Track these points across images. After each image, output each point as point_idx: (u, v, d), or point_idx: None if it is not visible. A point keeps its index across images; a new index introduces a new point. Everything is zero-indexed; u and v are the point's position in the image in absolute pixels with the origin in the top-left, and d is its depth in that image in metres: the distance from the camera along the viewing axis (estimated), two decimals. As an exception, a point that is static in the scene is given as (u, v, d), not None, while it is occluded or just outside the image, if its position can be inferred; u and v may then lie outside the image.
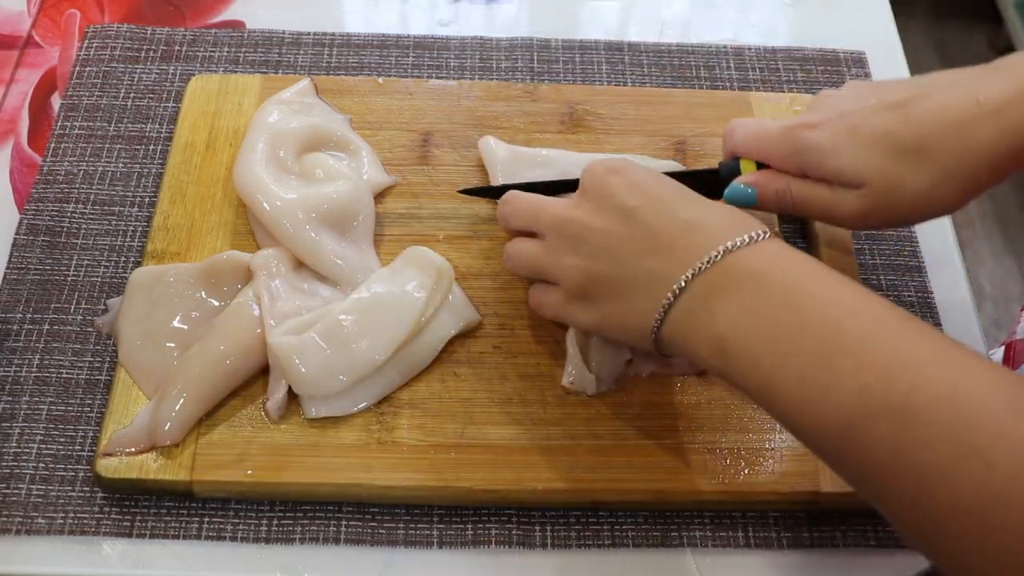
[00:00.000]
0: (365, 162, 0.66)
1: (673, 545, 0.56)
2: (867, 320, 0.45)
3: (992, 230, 1.78)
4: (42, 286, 0.63)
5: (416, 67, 0.75)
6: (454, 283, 0.61)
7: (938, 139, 0.52)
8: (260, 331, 0.57)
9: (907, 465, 0.41)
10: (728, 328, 0.47)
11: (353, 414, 0.57)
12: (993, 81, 0.53)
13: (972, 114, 0.52)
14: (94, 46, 0.75)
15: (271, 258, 0.60)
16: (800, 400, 0.44)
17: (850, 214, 0.55)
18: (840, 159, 0.54)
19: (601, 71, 0.75)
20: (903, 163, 0.53)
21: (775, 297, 0.47)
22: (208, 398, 0.56)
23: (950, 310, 0.66)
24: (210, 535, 0.55)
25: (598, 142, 0.69)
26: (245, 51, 0.75)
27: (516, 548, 0.56)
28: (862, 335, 0.44)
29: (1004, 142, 0.51)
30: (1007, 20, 1.96)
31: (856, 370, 0.43)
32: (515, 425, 0.57)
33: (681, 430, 0.58)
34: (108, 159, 0.69)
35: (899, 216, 0.55)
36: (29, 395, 0.59)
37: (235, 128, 0.68)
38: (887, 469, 0.41)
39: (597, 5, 0.82)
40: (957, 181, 0.53)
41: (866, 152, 0.53)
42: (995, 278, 1.72)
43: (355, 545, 0.56)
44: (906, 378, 0.42)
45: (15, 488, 0.56)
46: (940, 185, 0.53)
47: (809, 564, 0.56)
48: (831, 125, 0.55)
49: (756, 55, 0.77)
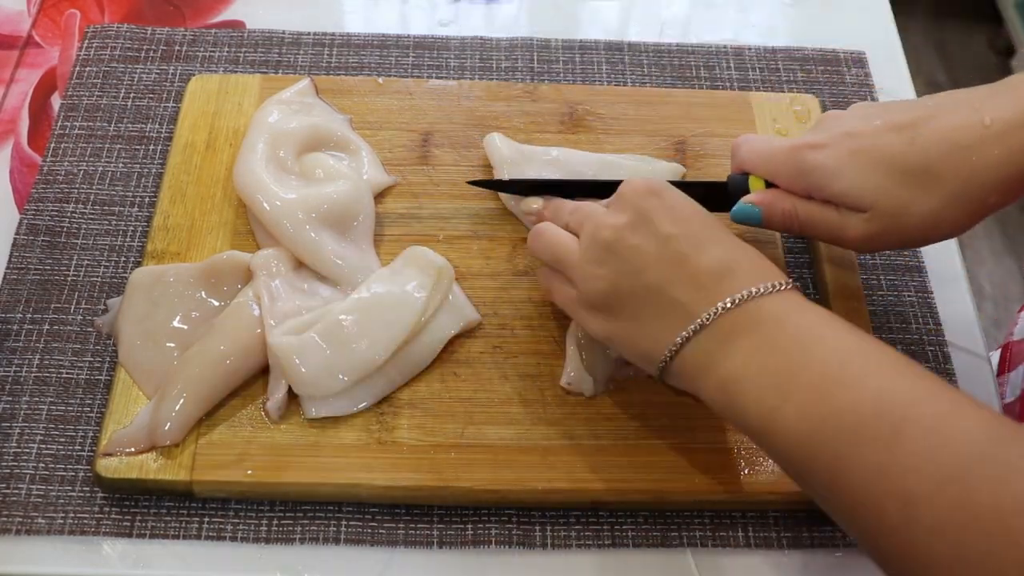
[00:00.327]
0: (365, 162, 0.66)
1: (673, 545, 0.56)
2: (869, 360, 0.46)
3: (992, 230, 1.78)
4: (42, 286, 0.63)
5: (416, 67, 0.75)
6: (454, 283, 0.61)
7: (945, 162, 0.52)
8: (260, 331, 0.57)
9: (893, 491, 0.41)
10: (738, 368, 0.48)
11: (353, 414, 0.57)
12: (1000, 102, 0.52)
13: (979, 136, 0.51)
14: (94, 46, 0.75)
15: (271, 258, 0.60)
16: (797, 433, 0.45)
17: (856, 237, 0.54)
18: (845, 182, 0.53)
19: (601, 71, 0.75)
20: (909, 186, 0.52)
21: (786, 339, 0.47)
22: (208, 398, 0.56)
23: (950, 310, 0.66)
24: (210, 535, 0.55)
25: (598, 142, 0.69)
26: (245, 51, 0.75)
27: (516, 548, 0.56)
28: (862, 372, 0.45)
29: (1011, 164, 0.51)
30: (1007, 20, 1.96)
31: (853, 403, 0.44)
32: (515, 425, 0.57)
33: (681, 430, 0.58)
34: (108, 159, 0.69)
35: (906, 239, 0.54)
36: (29, 395, 0.59)
37: (235, 128, 0.68)
38: (873, 496, 0.42)
39: (597, 5, 0.82)
40: (964, 204, 0.52)
41: (872, 175, 0.53)
42: (995, 278, 1.72)
43: (355, 545, 0.56)
44: (898, 412, 0.43)
45: (15, 488, 0.56)
46: (947, 208, 0.52)
47: (809, 564, 0.56)
48: (836, 146, 0.54)
49: (756, 55, 0.77)
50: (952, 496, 0.40)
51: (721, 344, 0.48)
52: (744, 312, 0.48)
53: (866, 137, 0.54)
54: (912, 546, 0.41)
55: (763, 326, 0.48)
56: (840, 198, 0.54)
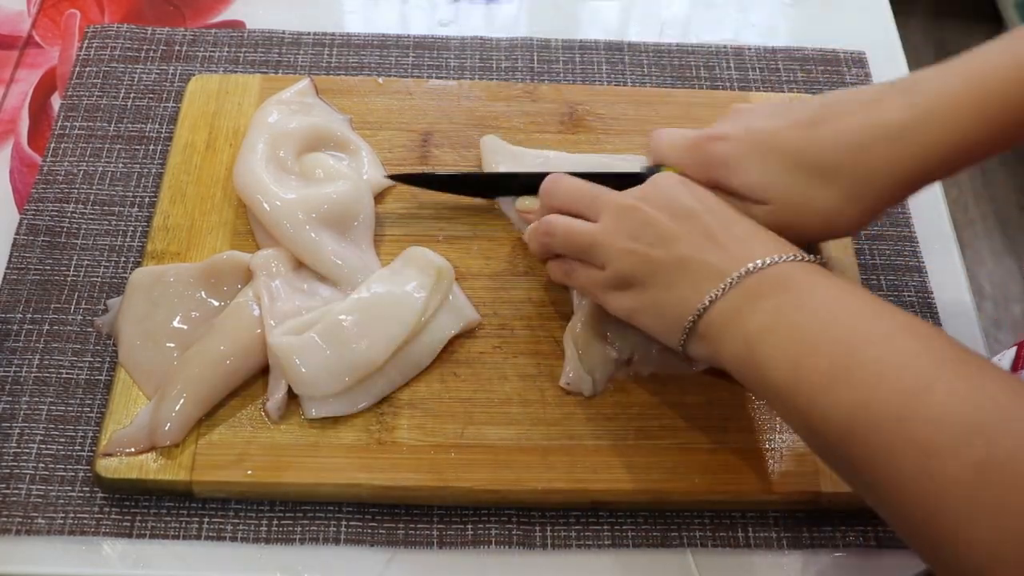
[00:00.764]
0: (365, 162, 0.66)
1: (673, 545, 0.56)
2: (897, 321, 0.46)
3: (992, 230, 1.78)
4: (42, 286, 0.63)
5: (416, 67, 0.75)
6: (454, 283, 0.61)
7: (842, 160, 0.53)
8: (260, 331, 0.57)
9: (913, 440, 0.41)
10: (765, 323, 0.48)
11: (353, 414, 0.57)
12: (897, 104, 0.53)
13: (872, 137, 0.52)
14: (94, 46, 0.75)
15: (271, 258, 0.60)
16: (821, 387, 0.45)
17: None
18: (746, 175, 0.55)
19: (601, 71, 0.75)
20: (808, 183, 0.53)
21: (813, 300, 0.48)
22: (208, 398, 0.56)
23: (950, 310, 0.66)
24: (210, 535, 0.55)
25: (598, 142, 0.69)
26: (245, 51, 0.75)
27: (516, 548, 0.56)
28: (890, 331, 0.45)
29: (903, 166, 0.52)
30: (1007, 20, 1.96)
31: (879, 357, 0.44)
32: (515, 425, 0.57)
33: (681, 430, 0.58)
34: (108, 159, 0.69)
35: (805, 233, 0.55)
36: (29, 395, 0.59)
37: (235, 128, 0.68)
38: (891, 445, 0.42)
39: (597, 5, 0.82)
40: (861, 202, 0.53)
41: (772, 169, 0.54)
42: (995, 278, 1.72)
43: (355, 545, 0.56)
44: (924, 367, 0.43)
45: (15, 488, 0.56)
46: (846, 204, 0.53)
47: (809, 564, 0.56)
48: (739, 139, 0.55)
49: (756, 55, 0.77)
50: (974, 448, 0.40)
51: (748, 302, 0.49)
52: (771, 275, 0.50)
53: (769, 132, 0.55)
54: (926, 498, 0.41)
55: (790, 289, 0.49)
56: (743, 190, 0.55)
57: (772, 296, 0.49)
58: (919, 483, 0.41)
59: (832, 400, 0.45)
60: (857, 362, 0.45)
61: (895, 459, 0.42)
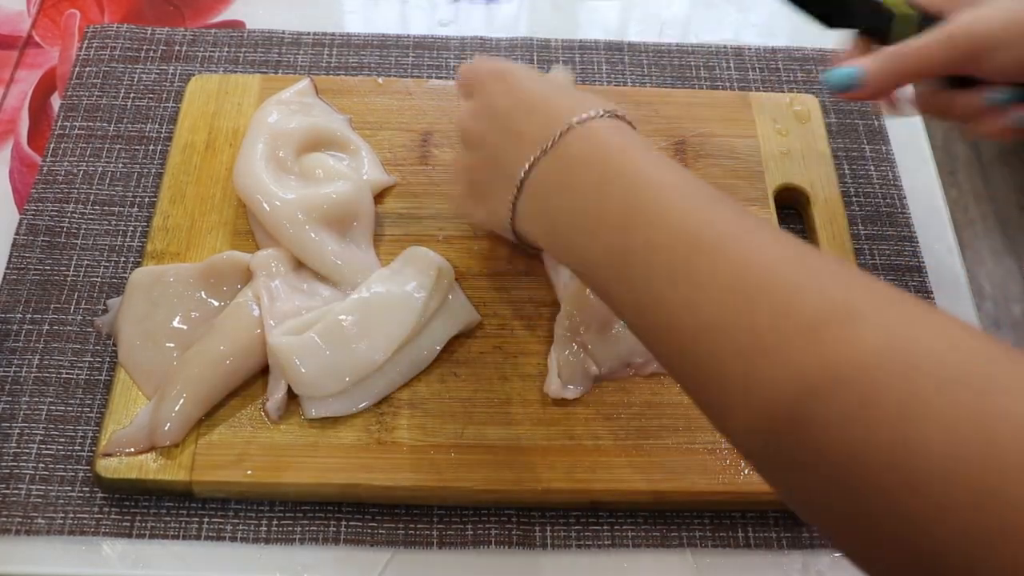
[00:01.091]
0: (365, 162, 0.66)
1: (673, 545, 0.56)
2: (667, 188, 0.45)
3: (992, 230, 1.78)
4: (42, 286, 0.63)
5: (416, 67, 0.75)
6: (454, 283, 0.61)
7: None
8: (260, 331, 0.57)
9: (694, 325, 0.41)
10: (556, 211, 0.49)
11: (353, 414, 0.57)
12: None
13: None
14: (94, 46, 0.75)
15: (271, 258, 0.60)
16: (608, 268, 0.45)
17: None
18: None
19: (601, 71, 0.75)
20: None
21: (592, 175, 0.47)
22: (208, 398, 0.56)
23: (950, 310, 0.66)
24: (210, 535, 0.55)
25: (598, 142, 0.69)
26: (245, 51, 0.75)
27: (516, 548, 0.56)
28: (659, 201, 0.44)
29: None
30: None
31: (659, 214, 0.44)
32: (515, 425, 0.57)
33: (681, 430, 0.58)
34: (108, 159, 0.69)
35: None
36: (29, 395, 0.59)
37: (235, 128, 0.68)
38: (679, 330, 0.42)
39: (597, 5, 0.82)
40: None
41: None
42: (995, 278, 1.72)
43: (355, 545, 0.56)
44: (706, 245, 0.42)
45: (15, 488, 0.56)
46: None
47: (809, 564, 0.56)
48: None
49: (756, 55, 0.77)
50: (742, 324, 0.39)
51: (542, 189, 0.49)
52: (557, 156, 0.48)
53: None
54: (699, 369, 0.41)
55: (574, 167, 0.48)
56: None
57: (561, 175, 0.48)
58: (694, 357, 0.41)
59: (625, 285, 0.44)
60: (631, 245, 0.44)
61: (680, 342, 0.42)
